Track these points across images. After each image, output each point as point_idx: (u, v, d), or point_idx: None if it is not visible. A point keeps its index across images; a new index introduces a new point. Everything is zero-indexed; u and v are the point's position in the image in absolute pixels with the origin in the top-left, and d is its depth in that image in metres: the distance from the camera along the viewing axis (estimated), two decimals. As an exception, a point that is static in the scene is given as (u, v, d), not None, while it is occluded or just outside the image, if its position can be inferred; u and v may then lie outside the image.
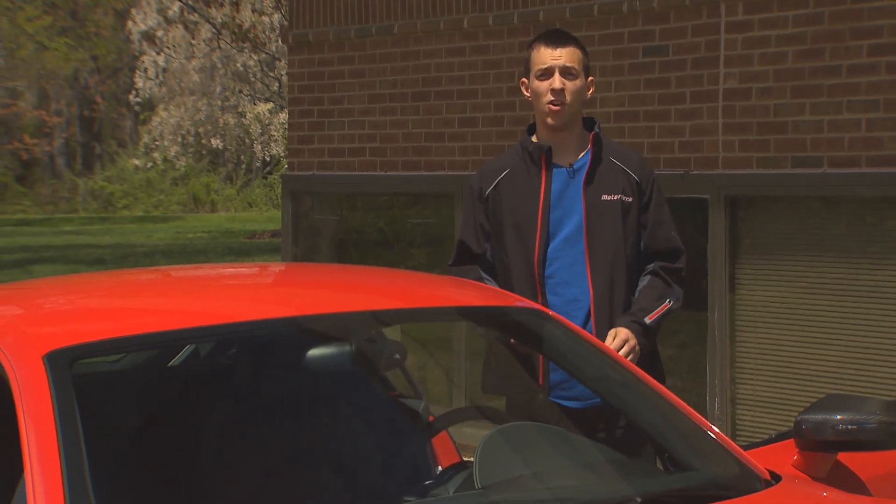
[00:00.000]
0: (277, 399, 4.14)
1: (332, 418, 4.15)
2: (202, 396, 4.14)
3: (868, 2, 6.79)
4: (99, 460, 3.17)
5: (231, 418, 4.04)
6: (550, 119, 4.69)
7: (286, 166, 11.02)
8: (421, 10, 8.79)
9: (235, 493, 3.84)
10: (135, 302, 4.00)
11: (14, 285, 4.91)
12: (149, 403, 4.11)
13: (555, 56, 4.70)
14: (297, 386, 4.18)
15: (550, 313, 4.09)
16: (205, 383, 4.21)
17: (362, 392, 4.37)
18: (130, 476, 3.77)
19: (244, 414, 4.08)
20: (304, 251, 9.55)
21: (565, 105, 4.67)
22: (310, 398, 4.18)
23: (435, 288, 4.35)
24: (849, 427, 3.67)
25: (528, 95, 4.80)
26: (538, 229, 4.66)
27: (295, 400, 4.16)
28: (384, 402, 4.39)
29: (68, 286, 4.48)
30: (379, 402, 4.38)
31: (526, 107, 7.99)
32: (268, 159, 33.32)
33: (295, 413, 4.12)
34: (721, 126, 7.35)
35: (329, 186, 9.43)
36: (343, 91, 9.29)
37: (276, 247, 22.43)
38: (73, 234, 30.92)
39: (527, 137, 4.79)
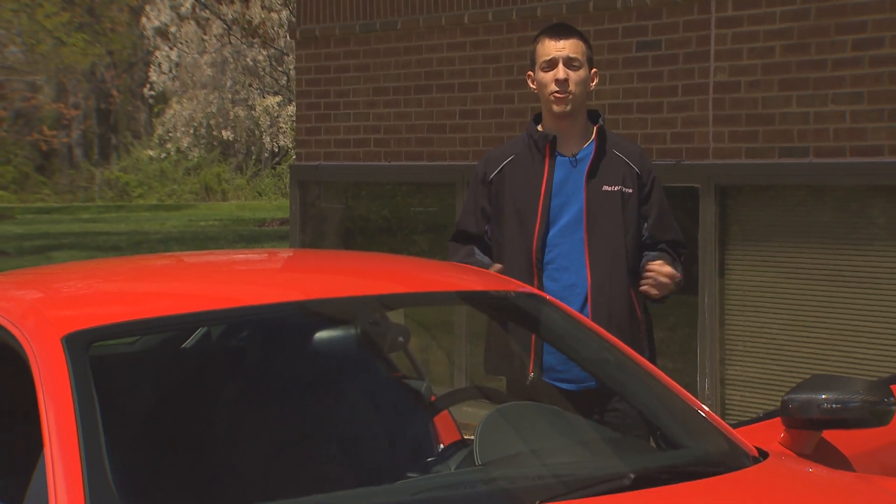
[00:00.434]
0: (286, 380, 4.16)
1: (339, 398, 4.16)
2: (214, 377, 4.16)
3: (852, -2, 6.82)
4: (115, 437, 3.19)
5: (241, 398, 4.07)
6: (555, 106, 4.71)
7: (294, 157, 10.94)
8: (423, 7, 8.79)
9: (245, 469, 3.87)
10: (149, 287, 4.02)
11: (34, 270, 4.98)
12: (162, 384, 4.15)
13: (558, 47, 4.73)
14: (305, 367, 4.19)
15: (548, 298, 4.10)
16: (216, 364, 4.23)
17: (367, 373, 4.38)
18: (145, 452, 3.80)
19: (254, 393, 4.11)
20: (312, 238, 9.53)
21: (570, 94, 4.70)
22: (317, 379, 4.18)
23: (437, 273, 4.35)
24: (833, 406, 3.70)
25: (534, 87, 4.82)
26: (539, 215, 4.68)
27: (303, 380, 4.16)
28: (388, 383, 4.41)
29: (86, 271, 4.51)
30: (383, 383, 4.40)
31: (524, 99, 8.02)
32: (276, 150, 33.13)
33: (303, 393, 4.13)
34: (711, 118, 7.38)
35: (335, 176, 9.42)
36: (348, 84, 9.27)
37: (285, 234, 22.37)
38: (91, 222, 30.87)
39: (532, 126, 4.80)
